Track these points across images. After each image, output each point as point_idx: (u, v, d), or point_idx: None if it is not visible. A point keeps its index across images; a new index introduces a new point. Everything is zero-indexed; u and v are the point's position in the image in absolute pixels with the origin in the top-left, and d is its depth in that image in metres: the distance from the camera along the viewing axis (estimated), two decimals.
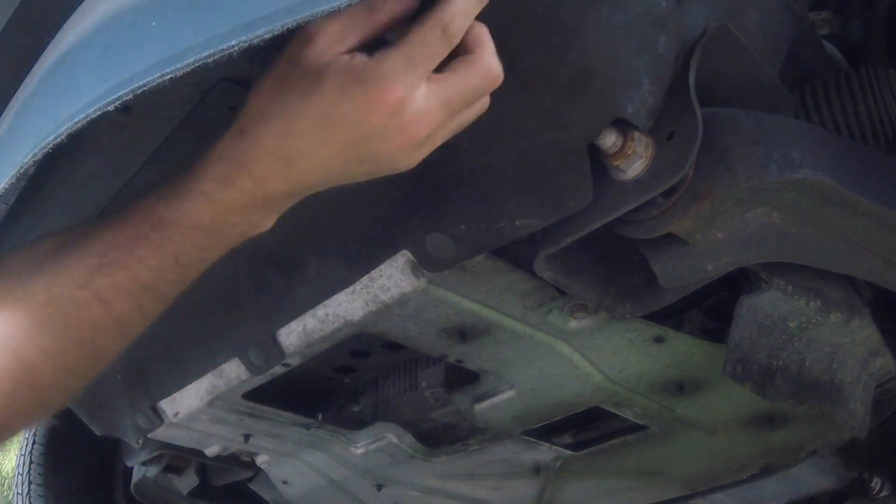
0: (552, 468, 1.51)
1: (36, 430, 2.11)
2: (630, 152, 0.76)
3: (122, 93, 0.55)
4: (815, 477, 1.62)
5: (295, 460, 1.52)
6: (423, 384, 1.28)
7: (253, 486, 1.78)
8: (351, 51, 0.57)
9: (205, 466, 1.80)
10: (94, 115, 0.56)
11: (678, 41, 0.76)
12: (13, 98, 0.70)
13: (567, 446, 1.45)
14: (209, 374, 1.19)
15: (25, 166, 0.61)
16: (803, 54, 1.02)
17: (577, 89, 0.72)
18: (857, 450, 1.61)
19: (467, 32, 0.59)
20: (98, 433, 1.40)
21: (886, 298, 1.07)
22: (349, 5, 0.52)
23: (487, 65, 0.61)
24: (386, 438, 1.40)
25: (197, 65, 0.53)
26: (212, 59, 0.53)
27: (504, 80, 0.62)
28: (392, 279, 0.92)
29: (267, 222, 0.67)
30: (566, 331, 1.05)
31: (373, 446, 1.43)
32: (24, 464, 2.07)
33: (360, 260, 0.93)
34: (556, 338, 1.06)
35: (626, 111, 0.73)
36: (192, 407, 1.25)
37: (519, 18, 0.69)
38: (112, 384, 1.28)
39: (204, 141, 0.64)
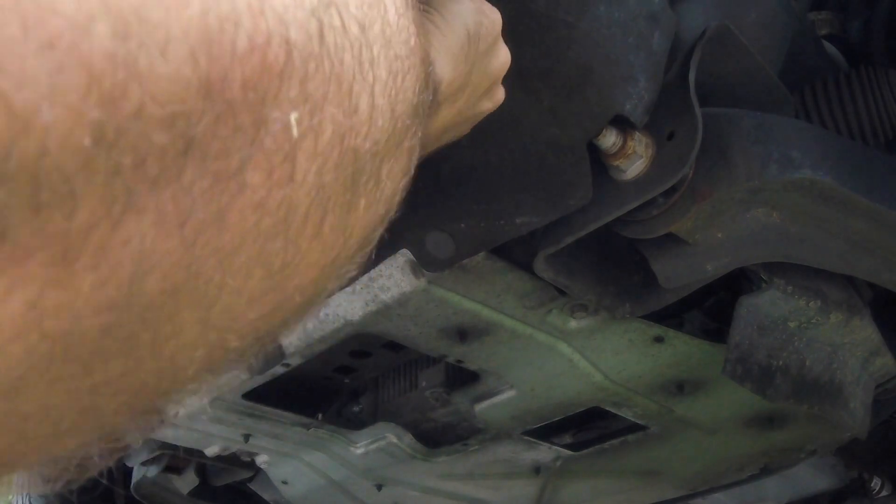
0: (552, 468, 1.51)
1: None
2: (630, 152, 0.76)
3: None
4: (815, 477, 1.62)
5: (295, 460, 1.52)
6: (423, 384, 1.28)
7: (253, 486, 1.78)
8: None
9: (205, 466, 1.80)
10: None
11: (670, 37, 0.76)
12: None
13: (567, 446, 1.45)
14: None
15: None
16: (803, 54, 1.02)
17: (576, 86, 0.72)
18: (857, 450, 1.61)
19: None
20: None
21: (886, 298, 1.07)
22: None
23: None
24: (386, 438, 1.40)
25: None
26: None
27: (504, 78, 0.62)
28: (392, 279, 0.92)
29: None
30: (566, 331, 1.05)
31: (373, 446, 1.43)
32: None
33: None
34: (556, 338, 1.06)
35: (624, 108, 0.73)
36: (192, 406, 1.25)
37: (518, 16, 0.69)
38: None
39: None
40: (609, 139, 0.75)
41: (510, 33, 0.68)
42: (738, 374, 0.94)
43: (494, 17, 0.55)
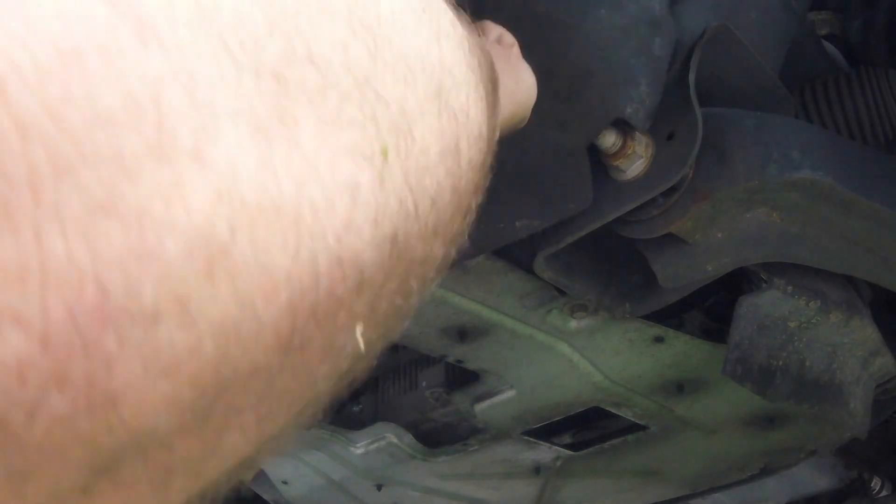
0: (552, 468, 1.51)
1: None
2: (630, 152, 0.76)
3: None
4: (815, 477, 1.62)
5: (295, 460, 1.52)
6: (423, 384, 1.28)
7: (253, 486, 1.78)
8: None
9: None
10: None
11: (672, 43, 0.76)
12: None
13: (567, 446, 1.45)
14: None
15: None
16: (803, 54, 1.02)
17: (577, 89, 0.72)
18: (857, 450, 1.61)
19: None
20: None
21: (886, 298, 1.07)
22: None
23: None
24: (386, 438, 1.40)
25: None
26: None
27: None
28: None
29: None
30: (566, 331, 1.05)
31: (373, 446, 1.43)
32: None
33: None
34: (556, 338, 1.06)
35: (625, 111, 0.73)
36: None
37: (519, 17, 0.69)
38: None
39: None
40: (609, 139, 0.75)
41: (512, 33, 0.68)
42: (738, 374, 0.94)
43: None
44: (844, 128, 0.96)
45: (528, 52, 0.71)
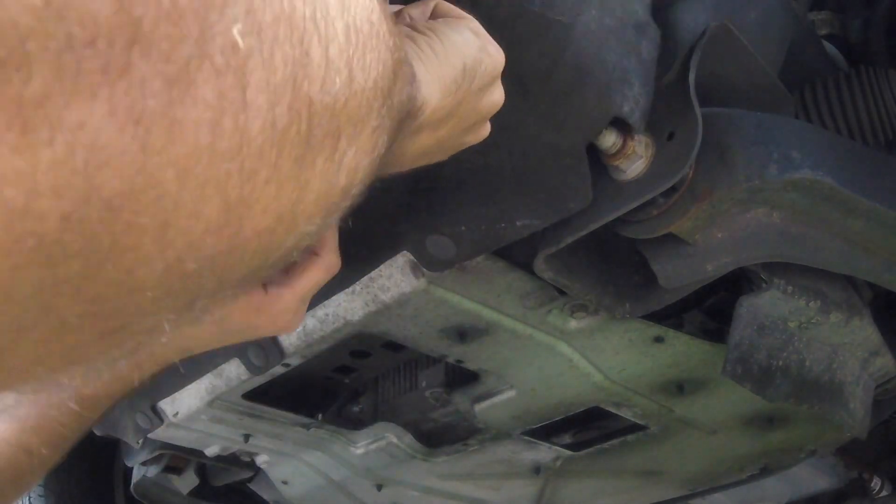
0: (552, 468, 1.51)
1: None
2: (630, 152, 0.76)
3: None
4: (815, 477, 1.62)
5: (295, 460, 1.52)
6: (423, 384, 1.28)
7: (253, 486, 1.78)
8: None
9: (205, 466, 1.80)
10: None
11: (657, 48, 0.77)
12: None
13: (567, 446, 1.45)
14: (209, 375, 1.19)
15: None
16: (803, 54, 1.02)
17: (574, 88, 0.72)
18: (857, 450, 1.61)
19: None
20: (98, 433, 1.40)
21: (886, 298, 1.07)
22: None
23: (329, 262, 0.71)
24: (386, 438, 1.40)
25: None
26: None
27: (503, 82, 0.62)
28: (392, 279, 0.92)
29: None
30: (566, 331, 1.05)
31: (373, 446, 1.43)
32: None
33: (360, 260, 0.93)
34: (556, 338, 1.06)
35: (622, 110, 0.73)
36: (191, 407, 1.25)
37: (515, 17, 0.69)
38: None
39: None
40: (609, 139, 0.75)
41: (508, 36, 0.68)
42: (738, 374, 0.94)
43: (497, 58, 0.57)
44: (844, 128, 0.96)
45: (526, 53, 0.71)
